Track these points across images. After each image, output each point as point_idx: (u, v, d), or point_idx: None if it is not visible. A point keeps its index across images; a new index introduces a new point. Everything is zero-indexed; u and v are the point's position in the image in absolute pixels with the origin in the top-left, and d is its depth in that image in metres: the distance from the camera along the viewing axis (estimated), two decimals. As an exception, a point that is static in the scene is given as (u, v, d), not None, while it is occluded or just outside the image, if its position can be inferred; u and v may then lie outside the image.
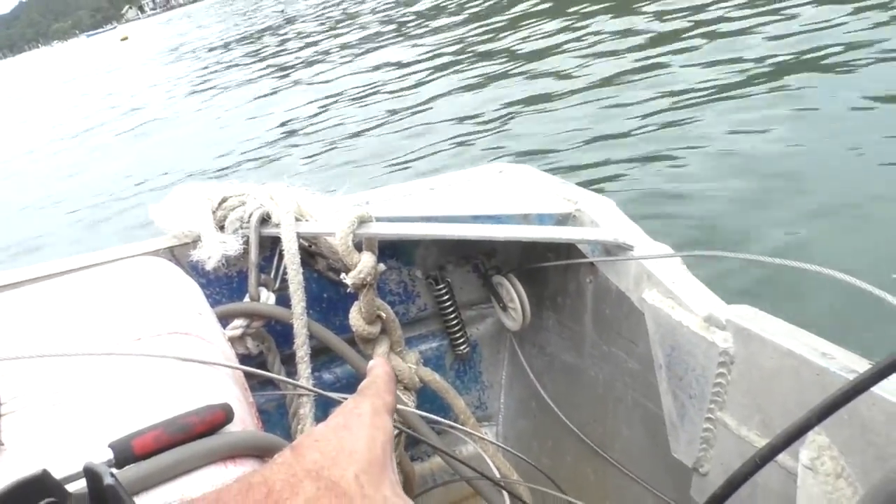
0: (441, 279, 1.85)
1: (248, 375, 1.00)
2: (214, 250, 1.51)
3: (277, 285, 1.61)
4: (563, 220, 1.56)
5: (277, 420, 1.64)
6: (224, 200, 1.59)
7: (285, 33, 20.57)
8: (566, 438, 1.70)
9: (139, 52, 37.83)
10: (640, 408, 1.42)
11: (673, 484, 1.29)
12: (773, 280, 2.50)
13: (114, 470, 0.63)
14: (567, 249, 1.57)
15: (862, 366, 0.85)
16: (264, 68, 14.39)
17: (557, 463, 1.75)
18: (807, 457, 0.85)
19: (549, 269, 1.68)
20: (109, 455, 0.67)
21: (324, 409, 1.53)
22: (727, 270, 2.43)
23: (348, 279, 1.44)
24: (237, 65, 16.71)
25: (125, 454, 0.67)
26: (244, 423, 0.79)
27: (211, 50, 23.44)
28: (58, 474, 0.59)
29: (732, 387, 1.06)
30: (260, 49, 18.50)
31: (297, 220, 1.53)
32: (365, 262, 1.42)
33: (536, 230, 1.48)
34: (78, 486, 0.64)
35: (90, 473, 0.57)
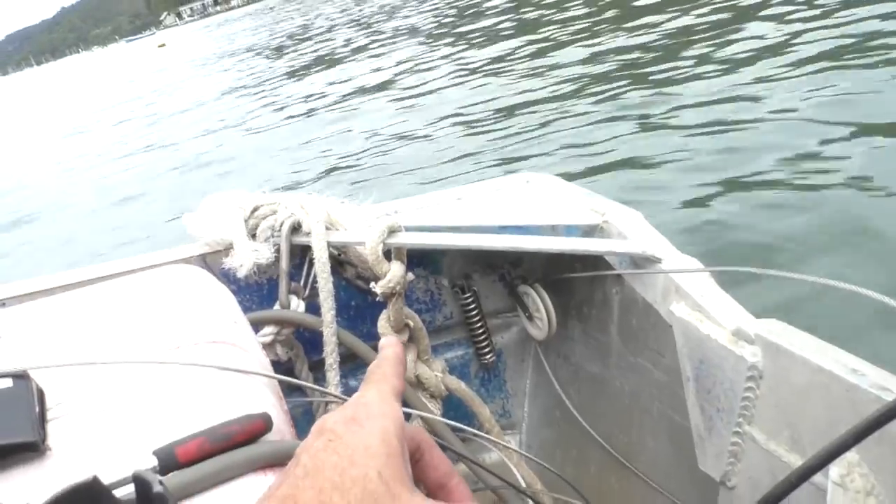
0: (467, 288, 1.86)
1: (279, 382, 1.02)
2: (246, 258, 1.54)
3: (307, 293, 1.63)
4: (591, 231, 1.56)
5: (304, 426, 1.66)
6: (256, 209, 1.62)
7: (320, 41, 20.63)
8: (590, 448, 1.71)
9: (177, 59, 38.14)
10: (666, 419, 1.42)
11: (699, 497, 1.29)
12: (804, 297, 2.48)
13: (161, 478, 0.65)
14: (594, 260, 1.57)
15: (893, 383, 0.85)
16: (298, 76, 14.42)
17: (581, 473, 1.75)
18: (836, 473, 0.86)
19: (575, 279, 1.69)
20: (153, 462, 0.69)
21: None
22: (756, 286, 2.42)
23: (378, 288, 1.46)
24: (272, 71, 16.79)
25: (169, 461, 0.69)
26: (281, 431, 0.81)
27: (248, 57, 23.59)
28: (104, 480, 0.61)
29: (761, 401, 1.06)
30: (295, 57, 18.54)
31: (328, 229, 1.56)
32: (394, 272, 1.44)
33: (564, 241, 1.49)
34: (124, 491, 0.66)
35: (139, 481, 0.59)
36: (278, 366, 1.62)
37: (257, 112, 11.66)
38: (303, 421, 1.69)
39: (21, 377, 0.81)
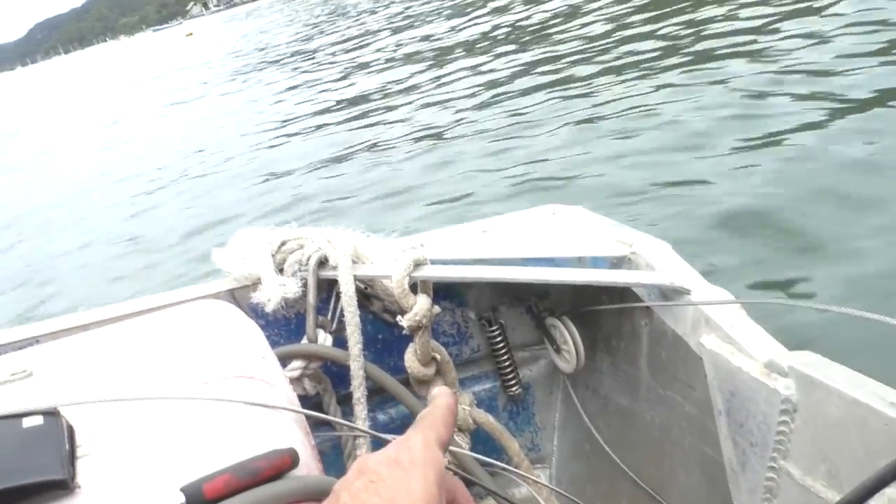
0: (494, 320, 1.86)
1: (307, 417, 1.02)
2: (274, 293, 1.55)
3: (334, 327, 1.64)
4: (618, 262, 1.55)
5: (333, 460, 1.66)
6: (283, 244, 1.64)
7: (343, 34, 20.73)
8: (621, 482, 1.68)
9: (206, 49, 38.61)
10: (697, 453, 1.40)
11: None
12: (837, 329, 2.42)
13: (188, 514, 0.65)
14: (621, 292, 1.56)
15: None
16: (323, 70, 14.49)
17: None
18: None
19: (603, 311, 1.68)
20: (181, 499, 0.69)
21: (378, 449, 1.54)
22: (788, 318, 2.37)
23: (404, 321, 1.46)
24: (297, 66, 16.89)
25: (196, 498, 0.69)
26: (308, 466, 0.81)
27: (273, 49, 23.78)
28: None
29: (796, 435, 1.04)
30: (321, 49, 18.63)
31: (354, 262, 1.56)
32: (421, 305, 1.44)
33: (591, 273, 1.48)
34: (152, 528, 0.66)
35: (167, 518, 0.59)
36: (306, 400, 1.62)
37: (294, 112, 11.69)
38: (331, 455, 1.68)
39: (52, 414, 0.82)
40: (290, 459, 0.76)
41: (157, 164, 10.87)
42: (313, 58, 17.91)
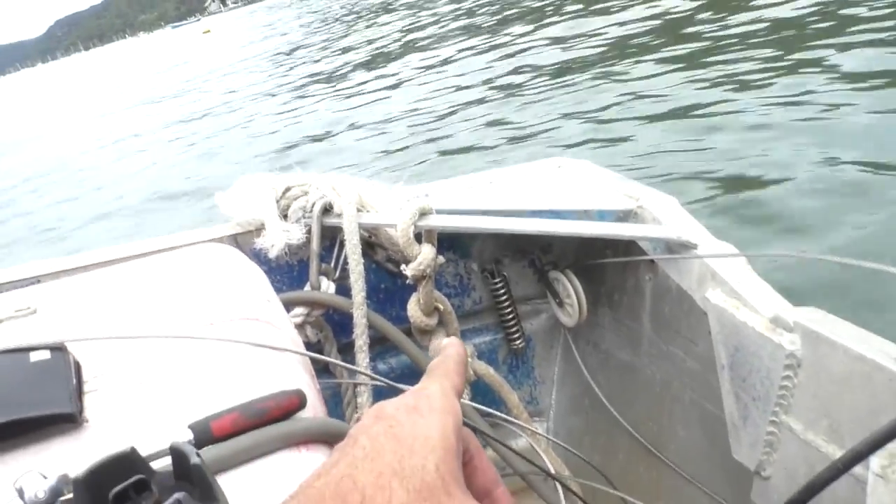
0: (497, 273, 1.85)
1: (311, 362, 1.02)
2: (277, 239, 1.54)
3: (337, 275, 1.63)
4: (625, 216, 1.54)
5: (332, 408, 1.67)
6: (288, 190, 1.62)
7: (364, 29, 20.40)
8: (619, 436, 1.69)
9: (222, 45, 38.05)
10: (697, 408, 1.41)
11: (731, 486, 1.28)
12: (845, 283, 2.41)
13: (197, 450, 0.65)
14: (626, 246, 1.56)
15: None
16: (342, 64, 14.24)
17: (609, 461, 1.74)
18: (878, 464, 0.84)
19: (606, 265, 1.67)
20: (189, 435, 0.69)
21: (378, 398, 1.55)
22: (795, 272, 2.36)
23: (408, 270, 1.45)
24: (316, 60, 16.64)
25: (204, 435, 0.70)
26: (315, 409, 0.81)
27: (290, 46, 23.39)
28: (141, 452, 0.61)
29: (799, 390, 1.04)
30: (339, 44, 18.30)
31: (359, 210, 1.55)
32: (425, 254, 1.44)
33: (597, 226, 1.47)
34: (160, 464, 0.66)
35: (176, 453, 0.59)
36: (308, 347, 1.63)
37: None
38: (331, 403, 1.69)
39: (59, 349, 0.82)
40: (297, 401, 0.76)
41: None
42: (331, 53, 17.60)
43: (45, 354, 0.80)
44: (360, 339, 1.52)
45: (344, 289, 1.58)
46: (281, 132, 9.28)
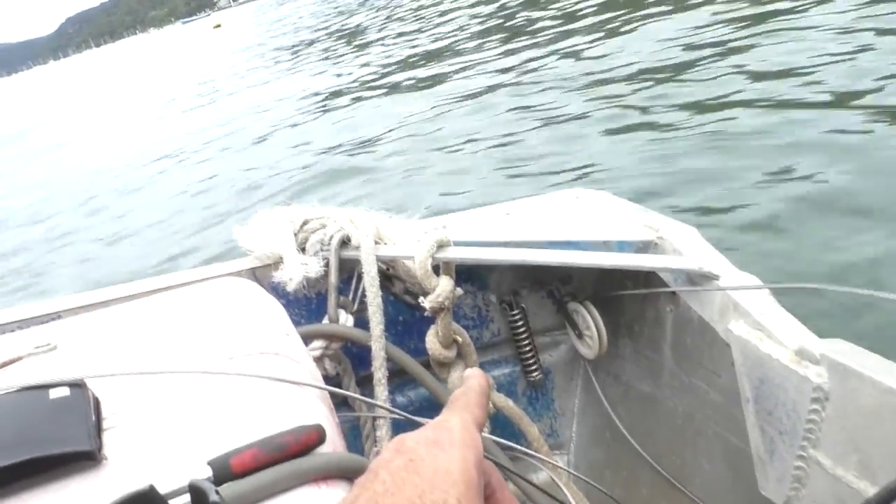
0: (516, 304, 1.84)
1: (330, 395, 1.01)
2: (296, 272, 1.54)
3: (356, 307, 1.63)
4: (644, 247, 1.53)
5: (351, 442, 1.66)
6: (305, 223, 1.63)
7: (378, 27, 20.36)
8: (641, 470, 1.67)
9: (232, 41, 38.20)
10: (722, 441, 1.38)
11: None
12: (870, 316, 2.37)
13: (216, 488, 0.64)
14: (646, 277, 1.54)
15: None
16: (354, 66, 14.13)
17: (632, 495, 1.71)
18: None
19: (626, 296, 1.66)
20: (208, 472, 0.69)
21: (397, 431, 1.53)
22: (819, 305, 2.33)
23: (427, 303, 1.45)
24: (327, 58, 16.62)
25: (224, 472, 0.69)
26: (334, 443, 0.80)
27: (301, 42, 23.40)
28: (160, 489, 0.60)
29: (827, 424, 1.02)
30: (350, 44, 18.23)
31: (377, 243, 1.55)
32: (443, 286, 1.43)
33: (617, 257, 1.46)
34: (179, 501, 0.66)
35: (195, 490, 0.59)
36: (326, 381, 1.62)
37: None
38: (350, 436, 1.68)
39: (78, 386, 0.82)
40: (317, 436, 0.75)
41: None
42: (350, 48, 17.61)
43: (64, 391, 0.79)
44: (379, 371, 1.51)
45: (362, 321, 1.58)
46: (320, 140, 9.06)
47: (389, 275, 1.68)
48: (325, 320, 1.60)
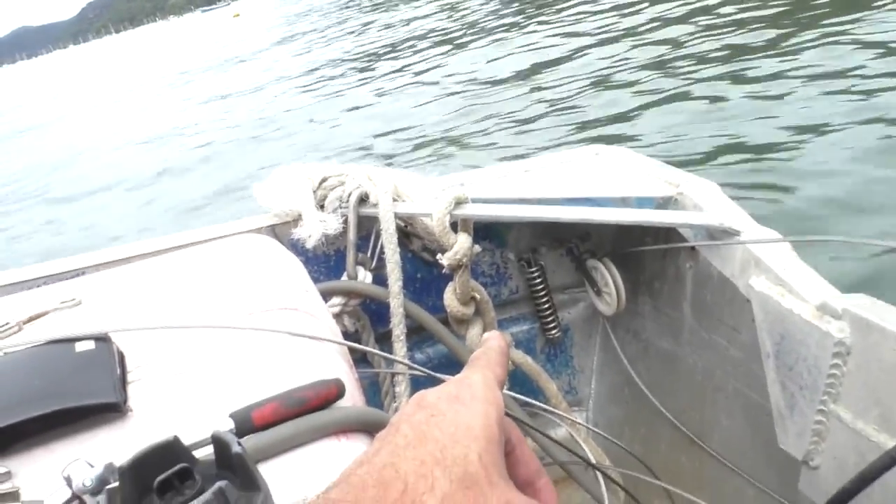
0: (534, 262, 1.84)
1: (349, 351, 1.02)
2: (315, 229, 1.55)
3: (374, 265, 1.63)
4: (664, 203, 1.52)
5: (371, 398, 1.68)
6: (324, 180, 1.63)
7: (398, 17, 20.09)
8: (660, 426, 1.67)
9: (253, 29, 37.75)
10: (741, 397, 1.38)
11: (777, 476, 1.25)
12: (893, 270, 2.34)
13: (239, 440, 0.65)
14: (666, 233, 1.53)
15: None
16: (377, 55, 14.03)
17: (651, 451, 1.72)
18: None
19: (645, 253, 1.65)
20: (230, 424, 0.70)
21: (416, 388, 1.55)
22: (841, 259, 2.29)
23: (444, 259, 1.45)
24: (345, 50, 16.43)
25: (245, 425, 0.70)
26: (353, 398, 0.81)
27: (323, 31, 23.16)
28: (183, 441, 0.61)
29: (848, 378, 1.01)
30: (373, 34, 18.06)
31: (395, 200, 1.55)
32: (461, 243, 1.43)
33: (637, 213, 1.45)
34: (202, 452, 0.67)
35: (218, 441, 0.59)
36: (345, 337, 1.63)
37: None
38: (369, 392, 1.70)
39: (103, 340, 0.83)
40: (336, 390, 0.76)
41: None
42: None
43: (89, 345, 0.81)
44: (398, 328, 1.52)
45: (381, 278, 1.58)
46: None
47: (408, 232, 1.67)
48: (344, 277, 1.61)
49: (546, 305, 1.89)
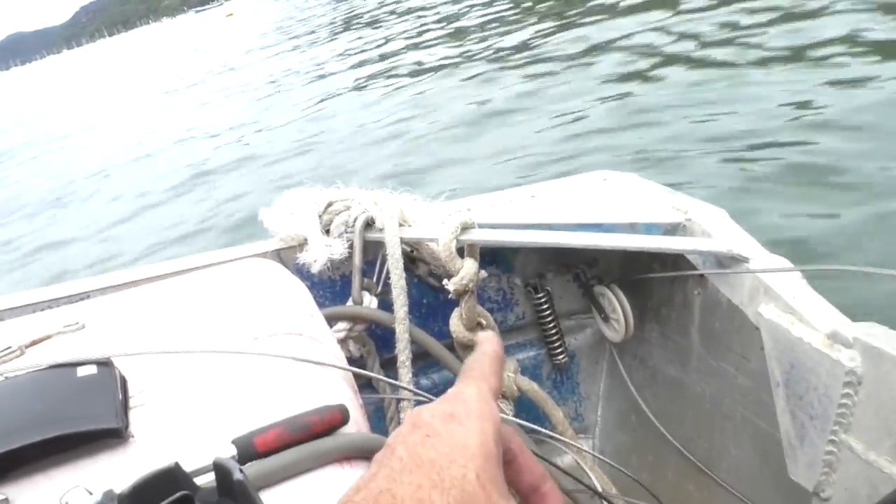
0: (541, 288, 1.83)
1: (354, 376, 1.01)
2: (320, 254, 1.55)
3: (380, 290, 1.63)
4: (672, 229, 1.51)
5: (375, 423, 1.66)
6: (330, 205, 1.63)
7: (393, 17, 20.06)
8: (668, 454, 1.65)
9: (246, 29, 37.78)
10: (750, 426, 1.36)
11: None
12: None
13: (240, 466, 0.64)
14: (674, 260, 1.52)
15: None
16: (369, 57, 13.84)
17: (658, 479, 1.70)
18: None
19: (653, 280, 1.64)
20: (233, 451, 0.69)
21: None
22: (851, 288, 2.27)
23: (450, 285, 1.44)
24: (338, 50, 16.32)
25: (248, 451, 0.69)
26: (358, 424, 0.80)
27: (313, 32, 23.13)
28: (185, 467, 0.61)
29: (859, 408, 1.00)
30: (365, 34, 17.97)
31: (401, 225, 1.55)
32: (467, 269, 1.42)
33: (644, 240, 1.44)
34: (204, 479, 0.66)
35: (219, 468, 0.59)
36: (351, 362, 1.62)
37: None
38: (374, 418, 1.69)
39: (105, 365, 0.82)
40: (340, 416, 0.75)
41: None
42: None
43: (91, 370, 0.80)
44: (403, 353, 1.51)
45: (386, 304, 1.57)
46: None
47: (414, 257, 1.67)
48: (350, 302, 1.60)
49: (553, 331, 1.88)
